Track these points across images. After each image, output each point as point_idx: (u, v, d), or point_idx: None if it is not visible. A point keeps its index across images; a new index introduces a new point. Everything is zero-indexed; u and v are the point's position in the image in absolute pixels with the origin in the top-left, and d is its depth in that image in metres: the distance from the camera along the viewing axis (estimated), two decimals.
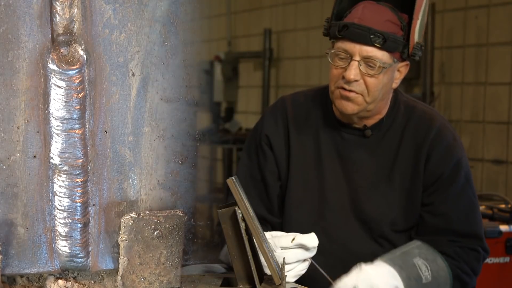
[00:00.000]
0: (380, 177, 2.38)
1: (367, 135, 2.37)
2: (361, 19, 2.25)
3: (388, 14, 2.26)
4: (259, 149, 2.51)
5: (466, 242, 2.37)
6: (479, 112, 5.38)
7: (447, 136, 2.39)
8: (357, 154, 2.39)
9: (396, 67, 2.30)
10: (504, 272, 3.91)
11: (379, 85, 2.27)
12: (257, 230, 1.85)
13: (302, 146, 2.44)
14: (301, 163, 2.43)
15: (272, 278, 1.87)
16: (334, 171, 2.41)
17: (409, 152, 2.38)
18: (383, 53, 2.24)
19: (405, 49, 2.27)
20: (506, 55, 5.12)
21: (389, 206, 2.37)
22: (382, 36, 2.22)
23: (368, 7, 2.27)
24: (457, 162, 2.37)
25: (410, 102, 2.46)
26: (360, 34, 2.23)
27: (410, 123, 2.40)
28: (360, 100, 2.28)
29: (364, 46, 2.23)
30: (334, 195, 2.40)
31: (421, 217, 2.38)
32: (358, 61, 2.24)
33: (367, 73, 2.25)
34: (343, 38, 2.27)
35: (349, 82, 2.26)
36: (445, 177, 2.35)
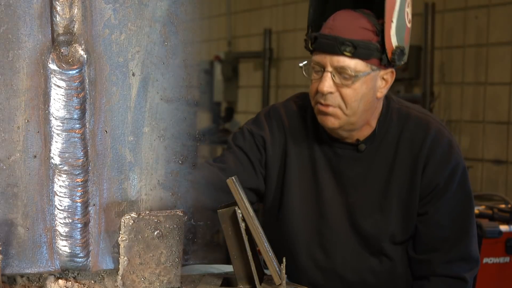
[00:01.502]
0: (377, 191, 2.35)
1: (361, 149, 2.33)
2: (331, 28, 2.21)
3: (361, 20, 2.20)
4: (250, 142, 2.44)
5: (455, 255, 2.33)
6: (479, 112, 5.35)
7: (443, 144, 2.35)
8: (352, 169, 2.35)
9: (377, 75, 2.23)
10: (504, 272, 3.91)
11: (356, 95, 2.21)
12: (257, 230, 1.85)
13: (298, 159, 2.41)
14: (298, 177, 2.40)
15: (272, 278, 1.86)
16: (330, 186, 2.37)
17: (405, 163, 2.34)
18: (356, 61, 2.18)
19: (383, 55, 2.20)
20: (506, 55, 5.11)
21: (387, 220, 2.34)
22: (351, 44, 2.16)
23: (340, 15, 2.23)
24: (451, 170, 2.34)
25: (403, 110, 2.40)
26: (328, 44, 2.19)
27: (404, 133, 2.35)
28: (339, 113, 2.23)
29: (334, 56, 2.18)
30: (331, 211, 2.37)
31: (416, 228, 2.35)
32: (331, 72, 2.18)
33: (341, 83, 2.19)
34: (315, 50, 2.24)
35: (324, 96, 2.21)
36: (440, 187, 2.32)
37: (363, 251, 2.36)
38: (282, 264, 1.85)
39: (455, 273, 2.32)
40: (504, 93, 5.15)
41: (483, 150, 5.14)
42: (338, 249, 2.36)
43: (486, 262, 3.67)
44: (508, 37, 5.11)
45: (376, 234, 2.34)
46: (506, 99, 5.14)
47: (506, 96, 5.14)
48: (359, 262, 2.36)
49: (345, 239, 2.35)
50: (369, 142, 2.32)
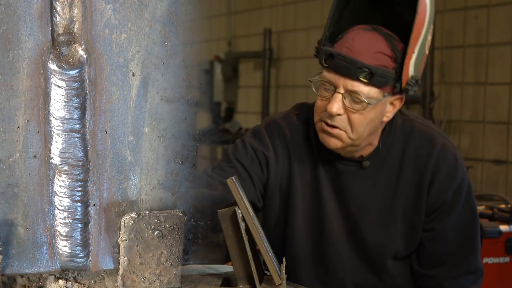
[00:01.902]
0: (381, 209, 2.32)
1: (365, 166, 2.29)
2: (349, 49, 2.13)
3: (380, 44, 2.14)
4: (252, 158, 2.37)
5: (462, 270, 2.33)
6: (479, 112, 5.42)
7: (449, 159, 2.32)
8: (355, 186, 2.31)
9: (387, 101, 2.18)
10: (504, 272, 3.91)
11: (364, 121, 2.17)
12: (257, 230, 1.84)
13: (302, 176, 2.37)
14: (301, 194, 2.37)
15: (272, 278, 1.86)
16: (332, 204, 2.34)
17: (410, 180, 2.31)
18: (370, 88, 2.12)
19: (397, 83, 2.14)
20: (506, 55, 5.17)
21: (391, 237, 2.32)
22: (369, 70, 2.10)
23: (359, 36, 2.15)
24: (458, 186, 2.31)
25: (407, 123, 2.36)
26: (345, 66, 2.11)
27: (409, 148, 2.32)
28: (343, 136, 2.19)
29: (348, 80, 2.12)
30: (332, 229, 2.34)
31: (421, 243, 2.33)
32: (343, 94, 2.13)
33: (351, 107, 2.14)
34: (328, 68, 2.15)
35: (331, 116, 2.16)
36: (447, 204, 2.30)
37: (365, 268, 2.35)
38: (282, 264, 1.84)
39: (461, 287, 2.32)
40: (504, 93, 5.21)
41: (483, 150, 5.14)
42: (339, 267, 2.35)
43: (486, 262, 3.68)
44: (508, 37, 5.18)
45: (380, 251, 2.33)
46: (506, 99, 5.20)
47: (506, 96, 5.20)
48: (360, 279, 2.36)
49: (346, 257, 2.34)
50: (373, 158, 2.30)
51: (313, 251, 2.36)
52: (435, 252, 2.31)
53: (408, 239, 2.32)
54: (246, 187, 2.32)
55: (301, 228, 2.36)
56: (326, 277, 2.37)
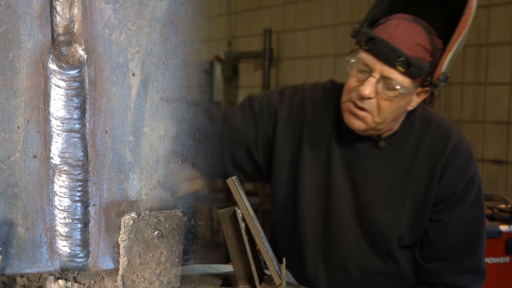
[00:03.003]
0: (391, 191, 2.33)
1: (381, 146, 2.30)
2: (391, 36, 2.15)
3: (420, 36, 2.16)
4: (267, 111, 2.40)
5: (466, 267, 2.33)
6: (479, 112, 5.33)
7: (463, 153, 2.33)
8: (368, 165, 2.32)
9: (415, 91, 2.21)
10: (504, 272, 3.91)
11: (392, 107, 2.19)
12: (257, 230, 1.84)
13: (314, 147, 2.38)
14: (311, 165, 2.38)
15: (272, 278, 1.85)
16: (342, 180, 2.35)
17: (424, 168, 2.32)
18: (404, 78, 2.14)
19: (428, 77, 2.17)
20: (506, 55, 5.10)
21: (398, 221, 2.32)
22: (407, 61, 2.12)
23: (402, 25, 2.17)
24: (469, 180, 2.32)
25: (426, 114, 2.38)
26: (385, 53, 2.13)
27: (426, 137, 2.33)
28: (369, 119, 2.20)
29: (386, 66, 2.13)
30: (340, 206, 2.35)
31: (427, 233, 2.34)
32: (377, 79, 2.15)
33: (383, 93, 2.16)
34: (367, 51, 2.16)
35: (362, 99, 2.17)
36: (456, 195, 2.30)
37: (369, 248, 2.35)
38: (282, 264, 1.84)
39: (463, 284, 2.32)
40: (504, 93, 5.14)
41: (483, 150, 5.13)
42: (344, 245, 2.35)
43: (486, 262, 3.68)
44: (508, 37, 5.11)
45: (384, 233, 2.32)
46: (506, 99, 5.14)
47: (506, 96, 5.14)
48: (363, 259, 2.36)
49: (351, 236, 2.34)
50: (390, 141, 2.31)
51: (319, 226, 2.37)
52: (439, 244, 2.31)
53: (414, 227, 2.32)
54: (249, 130, 2.39)
55: (309, 201, 2.36)
56: (330, 255, 2.37)
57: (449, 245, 2.32)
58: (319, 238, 2.38)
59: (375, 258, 2.35)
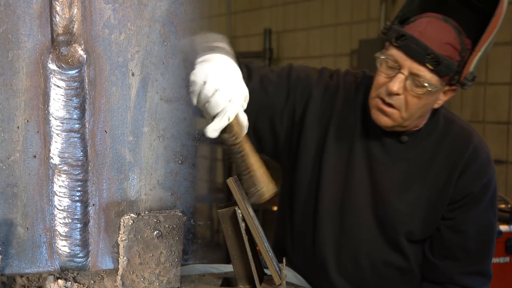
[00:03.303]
0: (407, 185, 2.34)
1: (403, 140, 2.33)
2: (422, 34, 2.18)
3: (450, 36, 2.17)
4: (302, 85, 2.41)
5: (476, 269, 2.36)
6: (479, 112, 5.36)
7: (483, 156, 2.35)
8: (388, 157, 2.35)
9: (442, 89, 2.23)
10: (504, 272, 3.91)
11: (419, 104, 2.21)
12: (257, 230, 1.84)
13: (339, 132, 2.40)
14: (335, 153, 2.40)
15: (272, 278, 1.86)
16: (362, 170, 2.38)
17: (443, 166, 2.34)
18: (433, 76, 2.16)
19: (456, 76, 2.18)
20: (506, 55, 5.13)
21: (411, 215, 2.34)
22: (437, 58, 2.14)
23: (432, 24, 2.19)
24: (487, 183, 2.34)
25: (449, 115, 2.40)
26: (415, 50, 2.16)
27: (447, 137, 2.36)
28: (396, 116, 2.23)
29: (415, 63, 2.16)
30: (358, 195, 2.38)
31: (439, 230, 2.36)
32: (406, 76, 2.17)
33: (411, 90, 2.18)
34: (398, 47, 2.20)
35: (390, 95, 2.20)
36: (473, 196, 2.33)
37: (380, 239, 2.37)
38: (282, 264, 1.84)
39: (471, 285, 2.35)
40: (504, 93, 5.18)
41: None
42: (357, 232, 2.37)
43: None
44: (508, 37, 5.13)
45: (395, 225, 2.34)
46: (506, 99, 5.17)
47: (506, 96, 5.17)
48: (374, 249, 2.38)
49: (365, 224, 2.37)
50: (413, 136, 2.33)
51: (336, 212, 2.39)
52: (451, 243, 2.33)
53: (426, 222, 2.34)
54: (279, 98, 2.39)
55: (329, 187, 2.38)
56: (342, 241, 2.39)
57: (461, 245, 2.34)
58: (334, 224, 2.39)
59: (385, 250, 2.37)
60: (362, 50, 6.20)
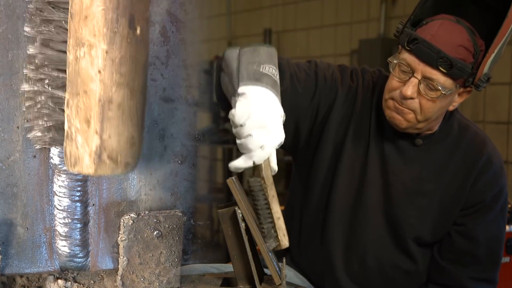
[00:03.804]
0: (420, 188, 2.34)
1: (417, 143, 2.32)
2: (434, 37, 2.16)
3: (463, 38, 2.16)
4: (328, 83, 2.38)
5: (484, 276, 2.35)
6: (479, 112, 5.41)
7: (497, 163, 2.35)
8: (402, 159, 2.35)
9: (457, 92, 2.21)
10: (504, 272, 3.92)
11: (434, 108, 2.20)
12: (257, 230, 1.83)
13: (356, 137, 2.40)
14: (351, 152, 2.39)
15: (272, 278, 1.86)
16: (376, 171, 2.37)
17: (457, 171, 2.34)
18: (446, 79, 2.14)
19: (470, 78, 2.16)
20: (506, 55, 4.96)
21: (421, 219, 2.34)
22: (449, 62, 2.12)
23: (445, 26, 2.18)
24: (499, 191, 2.35)
25: (464, 121, 2.39)
26: (427, 53, 2.15)
27: (462, 143, 2.34)
28: (410, 117, 2.22)
29: (428, 67, 2.15)
30: (371, 196, 2.37)
31: (449, 235, 2.36)
32: (419, 80, 2.17)
33: (425, 94, 2.17)
34: (410, 51, 2.19)
35: (404, 99, 2.20)
36: (485, 204, 2.32)
37: (388, 241, 2.38)
38: (282, 264, 1.85)
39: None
40: (504, 93, 5.21)
41: None
42: (367, 232, 2.38)
43: None
44: None
45: (405, 228, 2.34)
46: (506, 99, 5.20)
47: (506, 96, 5.20)
48: (381, 251, 2.39)
49: (375, 225, 2.38)
50: (427, 139, 2.33)
51: (347, 211, 2.39)
52: (460, 248, 2.34)
53: (436, 227, 2.34)
54: (306, 96, 2.35)
55: (343, 186, 2.38)
56: (351, 241, 2.40)
57: (471, 252, 2.34)
58: (344, 223, 2.40)
59: (392, 252, 2.38)
60: (362, 50, 6.19)
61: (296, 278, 2.49)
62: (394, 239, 2.37)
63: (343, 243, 2.42)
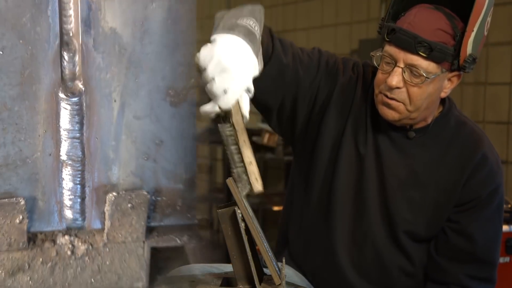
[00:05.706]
0: (413, 182, 2.54)
1: (410, 136, 2.52)
2: (411, 24, 2.30)
3: (441, 22, 2.30)
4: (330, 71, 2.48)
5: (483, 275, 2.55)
6: (479, 112, 5.99)
7: (493, 161, 2.52)
8: (395, 152, 2.52)
9: (445, 77, 2.36)
10: (504, 272, 4.44)
11: (423, 94, 2.34)
12: (257, 230, 2.02)
13: (354, 129, 2.54)
14: (350, 144, 2.56)
15: (272, 278, 2.05)
16: (372, 164, 2.55)
17: (452, 166, 2.49)
18: (429, 63, 2.30)
19: (455, 60, 2.31)
20: (506, 55, 5.75)
21: (414, 213, 2.55)
22: (428, 45, 2.26)
23: (421, 13, 2.32)
24: (495, 188, 2.52)
25: (461, 118, 2.55)
26: (405, 40, 2.29)
27: (457, 139, 2.52)
28: (401, 108, 2.39)
29: (408, 54, 2.30)
30: (369, 189, 2.56)
31: (444, 232, 2.58)
32: (402, 68, 2.31)
33: (410, 81, 2.32)
34: (390, 42, 2.35)
35: (391, 89, 2.34)
36: (480, 200, 2.52)
37: (383, 232, 2.59)
38: (282, 264, 2.02)
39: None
40: (504, 93, 5.78)
41: None
42: (365, 224, 2.60)
43: None
44: (508, 37, 5.74)
45: (396, 221, 2.56)
46: (506, 99, 5.77)
47: (506, 96, 5.77)
48: (378, 243, 2.60)
49: (373, 218, 2.57)
50: (421, 133, 2.52)
51: (349, 204, 2.58)
52: (456, 246, 2.57)
53: (430, 222, 2.55)
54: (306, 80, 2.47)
55: (343, 177, 2.57)
56: (354, 231, 2.59)
57: (468, 250, 2.58)
58: (347, 212, 2.60)
59: (387, 245, 2.61)
60: (362, 50, 6.54)
61: (295, 276, 2.70)
62: (387, 232, 2.59)
63: (347, 235, 2.60)
